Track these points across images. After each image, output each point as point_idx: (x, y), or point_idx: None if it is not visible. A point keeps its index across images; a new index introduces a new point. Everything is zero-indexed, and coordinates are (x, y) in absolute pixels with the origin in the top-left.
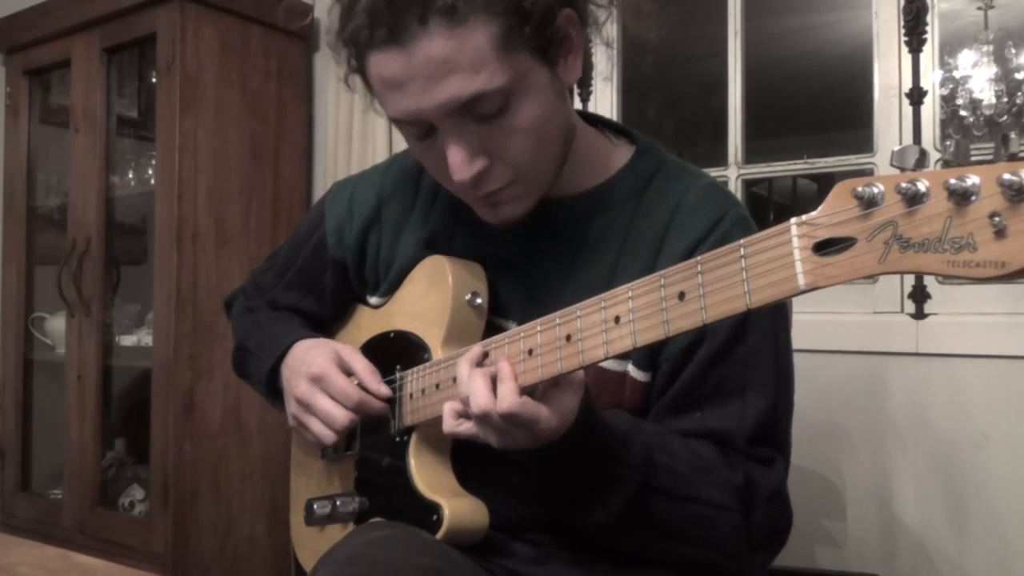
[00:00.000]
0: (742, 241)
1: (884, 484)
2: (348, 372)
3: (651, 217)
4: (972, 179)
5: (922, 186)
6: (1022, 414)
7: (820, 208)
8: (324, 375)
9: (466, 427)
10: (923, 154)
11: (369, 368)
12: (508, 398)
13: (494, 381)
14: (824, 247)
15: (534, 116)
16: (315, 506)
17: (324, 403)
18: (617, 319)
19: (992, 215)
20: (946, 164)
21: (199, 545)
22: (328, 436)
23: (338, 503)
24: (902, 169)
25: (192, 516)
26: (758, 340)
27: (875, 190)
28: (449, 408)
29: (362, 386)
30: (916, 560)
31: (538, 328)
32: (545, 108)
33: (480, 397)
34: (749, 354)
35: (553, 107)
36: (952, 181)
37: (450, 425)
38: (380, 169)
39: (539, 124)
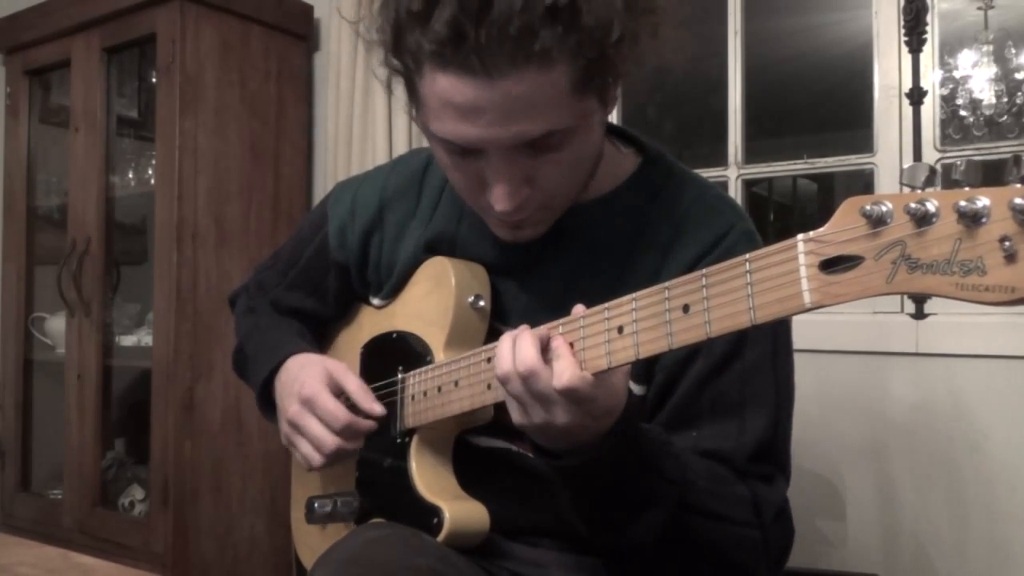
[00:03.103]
0: (748, 256)
1: (884, 484)
2: (340, 392)
3: (657, 228)
4: (983, 201)
5: (931, 206)
6: (1022, 414)
7: (827, 225)
8: (314, 397)
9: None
10: (932, 172)
11: (362, 388)
12: (568, 371)
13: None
14: (830, 264)
15: (582, 152)
16: (316, 505)
17: (313, 427)
18: (620, 329)
19: (1003, 239)
20: (953, 184)
21: (199, 545)
22: (316, 459)
23: (339, 503)
24: (912, 187)
25: (192, 516)
26: (757, 356)
27: (883, 208)
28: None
29: (355, 406)
30: (916, 560)
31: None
32: (593, 143)
33: (528, 355)
34: (747, 370)
35: (598, 140)
36: (962, 203)
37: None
38: (384, 171)
39: (583, 157)
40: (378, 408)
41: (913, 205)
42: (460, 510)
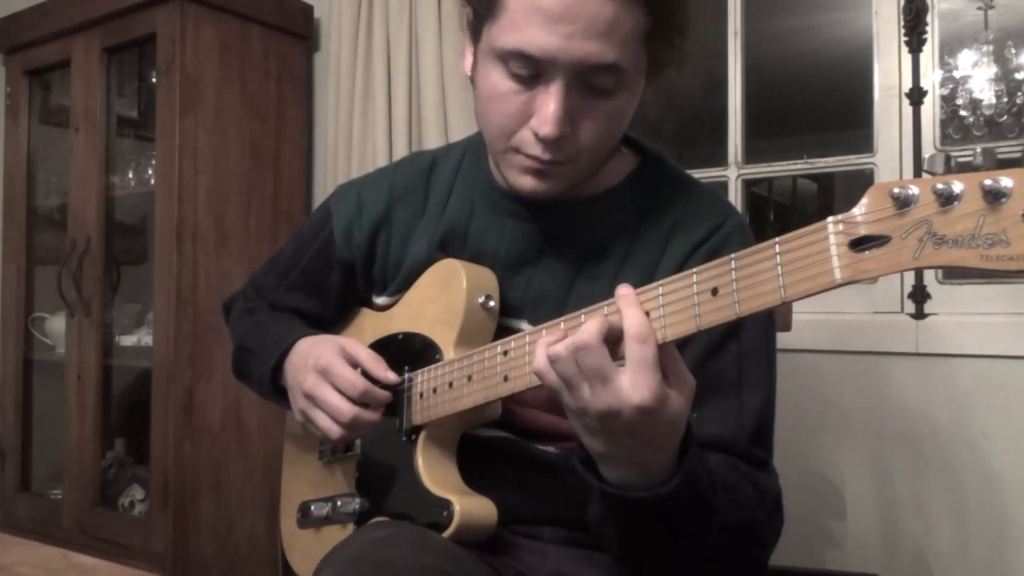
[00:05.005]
0: (777, 239)
1: (884, 484)
2: (354, 364)
3: (654, 225)
4: (1006, 181)
5: (957, 188)
6: (1022, 414)
7: (857, 207)
8: (330, 367)
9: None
10: (950, 159)
11: (374, 357)
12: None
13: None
14: (858, 245)
15: (621, 111)
16: (312, 508)
17: (330, 396)
18: (647, 314)
19: None
20: (973, 169)
21: (199, 545)
22: (335, 430)
23: (338, 503)
24: (932, 174)
25: (192, 516)
26: (753, 338)
27: (911, 191)
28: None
29: (368, 375)
30: (916, 560)
31: (561, 326)
32: (629, 109)
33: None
34: (745, 351)
35: (631, 113)
36: (987, 182)
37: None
38: (387, 171)
39: (619, 120)
40: (391, 376)
41: (940, 186)
42: (469, 504)
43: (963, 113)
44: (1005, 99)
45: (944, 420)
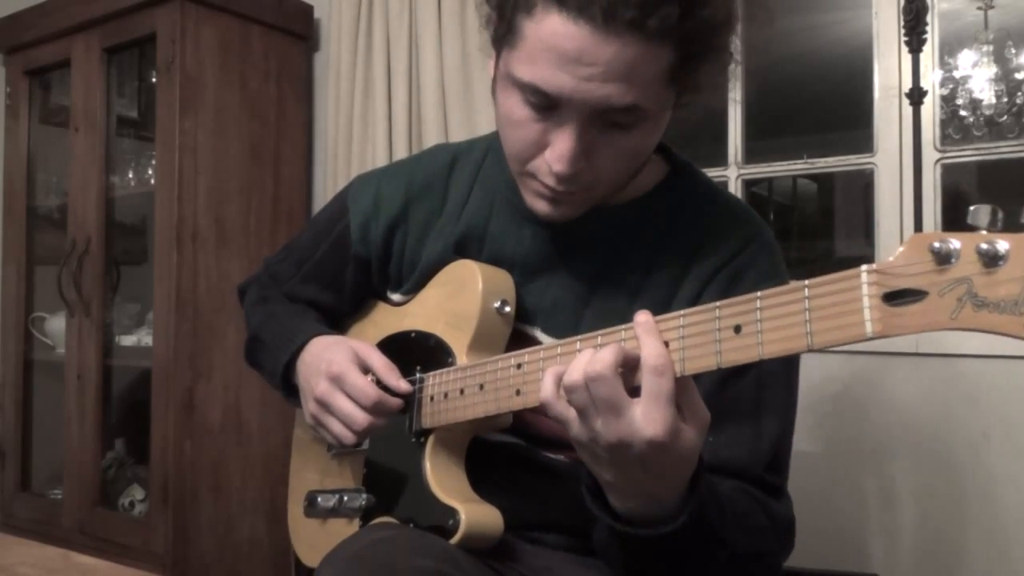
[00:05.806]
0: (807, 282)
1: (884, 484)
2: (366, 370)
3: (681, 236)
4: None
5: (1002, 248)
6: (1022, 414)
7: (894, 258)
8: (343, 374)
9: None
10: (995, 213)
11: (387, 365)
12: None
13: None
14: (893, 297)
15: (643, 143)
16: (319, 499)
17: (343, 404)
18: (666, 344)
19: None
20: (1021, 228)
21: (199, 545)
22: (348, 437)
23: (345, 498)
24: (975, 228)
25: (192, 516)
26: (773, 364)
27: (952, 247)
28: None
29: (381, 383)
30: (916, 560)
31: (577, 346)
32: (654, 139)
33: (656, 353)
34: (765, 375)
35: (655, 140)
36: None
37: (549, 391)
38: (406, 166)
39: (639, 153)
40: (404, 385)
41: (984, 246)
42: (476, 512)
43: (963, 113)
44: (1005, 99)
45: (944, 420)
